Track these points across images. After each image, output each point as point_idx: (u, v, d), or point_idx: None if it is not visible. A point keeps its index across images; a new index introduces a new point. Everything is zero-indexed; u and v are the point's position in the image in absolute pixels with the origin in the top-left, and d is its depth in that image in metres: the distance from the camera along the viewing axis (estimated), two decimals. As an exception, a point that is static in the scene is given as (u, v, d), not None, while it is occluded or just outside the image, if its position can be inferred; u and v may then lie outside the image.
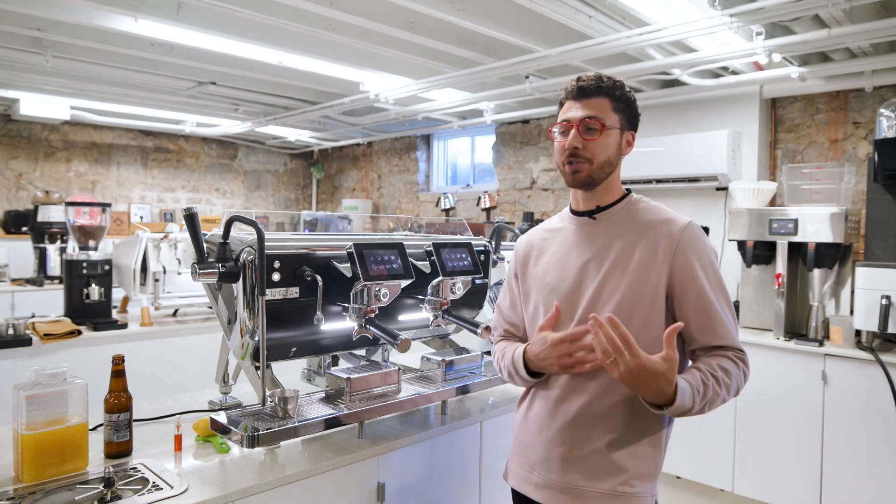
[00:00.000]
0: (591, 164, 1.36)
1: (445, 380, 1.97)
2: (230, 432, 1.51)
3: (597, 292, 1.35)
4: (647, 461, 1.33)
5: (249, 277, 1.54)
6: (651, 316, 1.32)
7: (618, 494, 1.30)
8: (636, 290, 1.32)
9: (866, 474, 2.91)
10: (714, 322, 1.32)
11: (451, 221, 5.30)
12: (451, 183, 6.62)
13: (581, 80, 1.38)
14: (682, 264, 1.32)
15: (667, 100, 4.19)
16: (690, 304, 1.32)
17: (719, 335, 1.32)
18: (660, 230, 1.35)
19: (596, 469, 1.32)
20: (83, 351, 3.00)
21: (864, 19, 2.88)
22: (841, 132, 3.74)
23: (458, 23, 2.98)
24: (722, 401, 1.28)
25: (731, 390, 1.29)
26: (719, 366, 1.28)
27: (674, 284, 1.33)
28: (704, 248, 1.35)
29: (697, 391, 1.22)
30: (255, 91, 4.79)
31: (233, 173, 7.39)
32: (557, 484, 1.36)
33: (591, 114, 1.35)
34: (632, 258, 1.34)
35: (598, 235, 1.40)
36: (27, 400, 1.35)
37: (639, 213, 1.40)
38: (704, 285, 1.32)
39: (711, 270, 1.34)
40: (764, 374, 3.22)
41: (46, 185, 5.99)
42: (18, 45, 3.62)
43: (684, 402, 1.19)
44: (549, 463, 1.38)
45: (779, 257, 3.38)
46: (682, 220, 1.37)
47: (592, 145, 1.36)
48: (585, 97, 1.37)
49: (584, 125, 1.35)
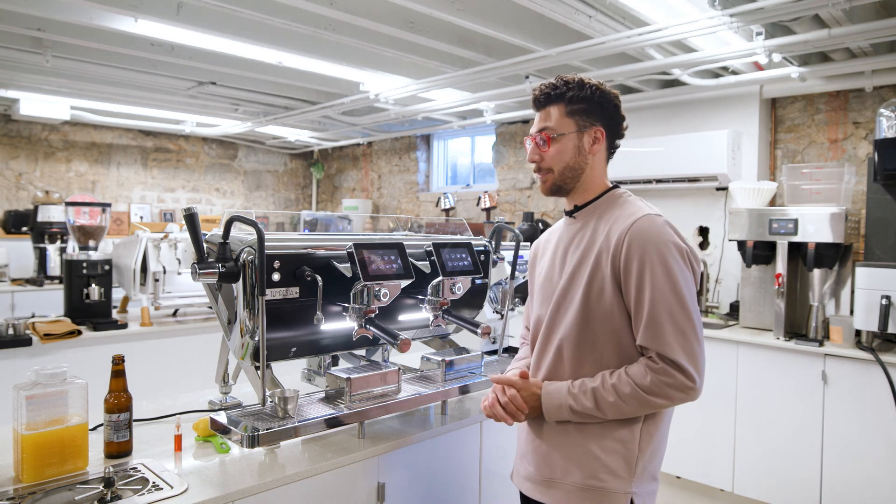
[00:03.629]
0: (553, 172, 1.44)
1: (445, 380, 1.97)
2: (230, 432, 1.51)
3: (562, 292, 1.41)
4: (615, 456, 1.33)
5: (249, 277, 1.54)
6: (606, 316, 1.34)
7: (587, 487, 1.33)
8: (589, 289, 1.36)
9: (866, 474, 2.91)
10: (644, 321, 1.28)
11: (451, 221, 5.30)
12: (451, 183, 6.62)
13: (535, 90, 1.45)
14: (627, 258, 1.31)
15: (667, 100, 4.19)
16: (630, 300, 1.31)
17: (646, 336, 1.28)
18: (616, 226, 1.36)
19: (568, 462, 1.36)
20: (83, 351, 2.99)
21: (864, 19, 2.88)
22: (841, 132, 3.73)
23: (458, 23, 2.98)
24: (616, 409, 1.29)
25: (627, 399, 1.28)
26: (621, 373, 1.31)
27: (621, 279, 1.33)
28: (655, 242, 1.29)
29: (571, 392, 1.35)
30: (255, 91, 4.79)
31: (233, 173, 7.39)
32: (535, 476, 1.42)
33: (541, 126, 1.44)
34: (590, 257, 1.37)
35: (576, 232, 1.46)
36: (27, 400, 1.35)
37: (612, 207, 1.43)
38: (643, 281, 1.28)
39: (660, 266, 1.27)
40: (764, 374, 3.22)
41: (46, 185, 5.98)
42: (18, 45, 3.61)
43: (550, 401, 1.37)
44: (529, 455, 1.45)
45: (779, 257, 3.38)
46: (637, 214, 1.35)
47: (547, 155, 1.43)
48: (540, 107, 1.45)
49: (539, 138, 1.44)
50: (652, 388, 1.26)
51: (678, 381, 1.25)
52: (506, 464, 1.97)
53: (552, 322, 1.43)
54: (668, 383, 1.26)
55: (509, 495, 1.55)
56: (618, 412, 1.30)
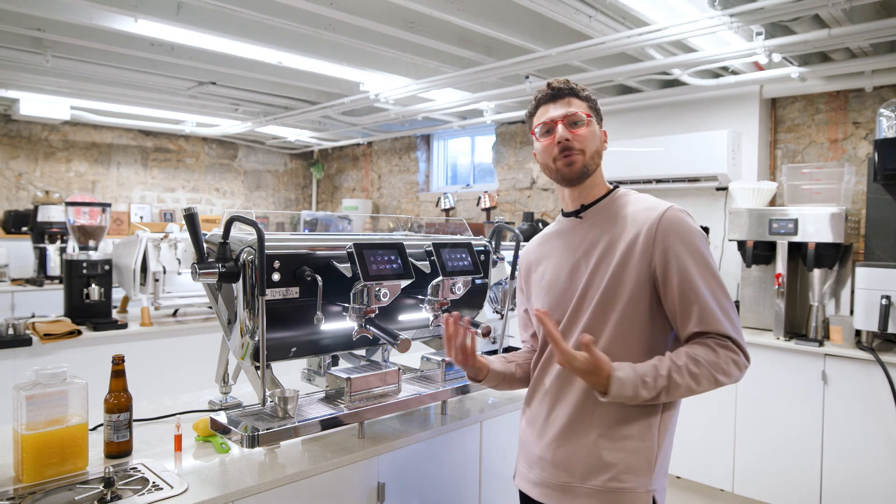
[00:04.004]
0: (584, 154, 1.40)
1: (445, 380, 1.97)
2: (230, 432, 1.52)
3: (584, 291, 1.37)
4: (636, 455, 1.32)
5: (249, 277, 1.54)
6: (638, 309, 1.32)
7: (608, 490, 1.30)
8: (617, 281, 1.33)
9: (866, 474, 2.91)
10: (696, 307, 1.28)
11: (451, 221, 5.30)
12: (451, 183, 6.62)
13: (552, 84, 1.44)
14: (663, 251, 1.31)
15: (667, 100, 4.19)
16: (674, 290, 1.30)
17: (702, 321, 1.28)
18: (640, 219, 1.35)
19: (586, 465, 1.33)
20: (83, 351, 3.00)
21: (864, 19, 2.88)
22: (841, 132, 3.73)
23: (458, 23, 2.98)
24: (688, 389, 1.25)
25: (699, 379, 1.25)
26: (688, 354, 1.27)
27: (657, 273, 1.32)
28: (687, 232, 1.33)
29: (643, 381, 1.23)
30: (255, 91, 4.79)
31: (233, 173, 7.39)
32: (550, 481, 1.37)
33: (567, 110, 1.41)
34: (615, 253, 1.35)
35: (585, 233, 1.43)
36: (27, 400, 1.35)
37: (623, 205, 1.42)
38: (687, 270, 1.29)
39: (697, 254, 1.31)
40: (764, 374, 3.22)
41: (46, 185, 5.98)
42: (18, 45, 3.61)
43: (623, 391, 1.23)
44: (542, 461, 1.40)
45: (779, 257, 3.38)
46: (662, 206, 1.36)
47: (581, 136, 1.40)
48: (560, 97, 1.43)
49: (569, 119, 1.40)
50: (721, 365, 1.27)
51: (741, 359, 1.29)
52: (505, 464, 1.97)
53: (571, 325, 1.38)
54: (735, 360, 1.28)
55: (509, 495, 1.55)
56: (687, 390, 1.26)
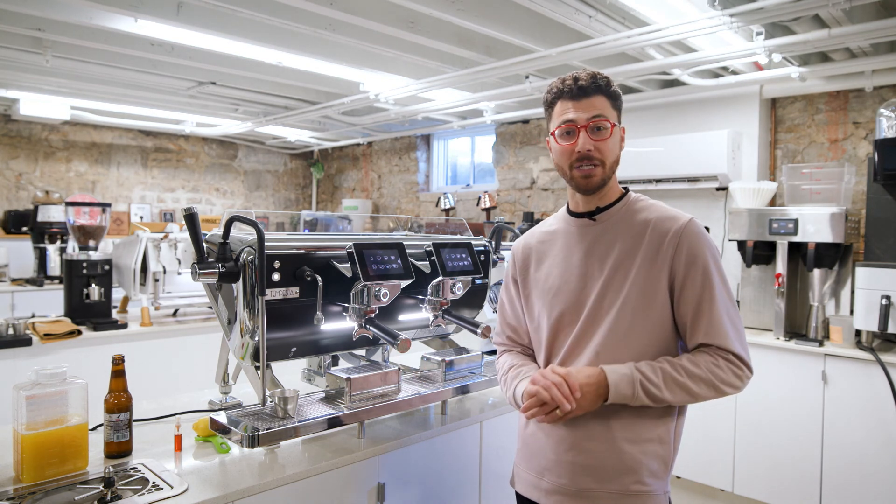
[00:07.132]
0: (604, 166, 1.33)
1: (445, 380, 1.97)
2: (230, 432, 1.51)
3: (600, 295, 1.33)
4: (657, 458, 1.32)
5: (249, 277, 1.54)
6: (655, 316, 1.31)
7: (631, 493, 1.29)
8: (639, 291, 1.31)
9: (866, 474, 2.91)
10: (708, 320, 1.29)
11: (451, 221, 5.30)
12: (451, 183, 6.62)
13: (579, 78, 1.32)
14: (684, 263, 1.30)
15: (667, 100, 4.19)
16: (689, 302, 1.30)
17: (711, 334, 1.28)
18: (661, 228, 1.33)
19: (606, 470, 1.30)
20: (83, 351, 3.00)
21: (864, 19, 2.88)
22: (841, 132, 3.73)
23: (458, 23, 2.98)
24: (686, 390, 1.25)
25: (697, 380, 1.25)
26: (688, 358, 1.28)
27: (675, 283, 1.31)
28: (707, 247, 1.32)
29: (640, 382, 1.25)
30: (255, 91, 4.79)
31: (233, 173, 7.39)
32: (568, 488, 1.33)
33: (598, 112, 1.31)
34: (635, 259, 1.32)
35: (599, 237, 1.38)
36: (27, 400, 1.35)
37: (639, 211, 1.38)
38: (706, 283, 1.30)
39: (716, 268, 1.31)
40: (764, 374, 3.21)
41: (46, 185, 5.98)
42: (18, 45, 3.61)
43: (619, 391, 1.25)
44: (560, 467, 1.35)
45: (779, 257, 3.38)
46: (683, 218, 1.34)
47: (603, 146, 1.32)
48: (585, 96, 1.32)
49: (592, 126, 1.31)
50: (724, 376, 1.28)
51: (744, 372, 1.30)
52: (505, 464, 1.97)
53: (586, 329, 1.34)
54: (736, 372, 1.29)
55: (509, 495, 1.54)
56: (686, 394, 1.26)
